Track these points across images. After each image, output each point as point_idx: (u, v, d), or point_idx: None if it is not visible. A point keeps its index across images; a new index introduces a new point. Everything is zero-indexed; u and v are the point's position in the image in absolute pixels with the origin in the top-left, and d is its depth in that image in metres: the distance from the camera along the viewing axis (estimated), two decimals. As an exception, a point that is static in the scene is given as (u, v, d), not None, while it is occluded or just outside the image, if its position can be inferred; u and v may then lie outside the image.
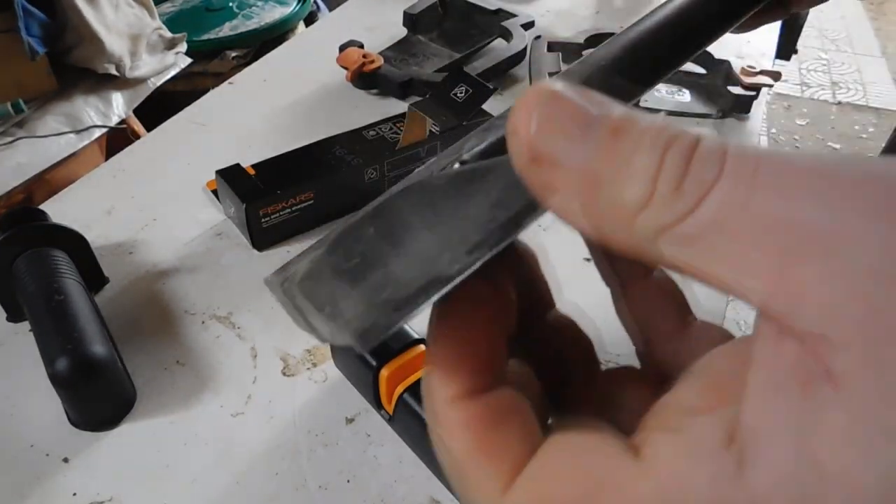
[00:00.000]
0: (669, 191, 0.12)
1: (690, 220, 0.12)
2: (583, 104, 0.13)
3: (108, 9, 1.20)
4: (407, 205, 0.19)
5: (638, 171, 0.12)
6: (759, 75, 0.73)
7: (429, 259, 0.16)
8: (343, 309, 0.16)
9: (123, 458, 0.41)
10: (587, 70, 0.24)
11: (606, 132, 0.13)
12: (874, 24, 3.26)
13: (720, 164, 0.12)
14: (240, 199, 0.53)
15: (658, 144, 0.12)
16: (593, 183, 0.13)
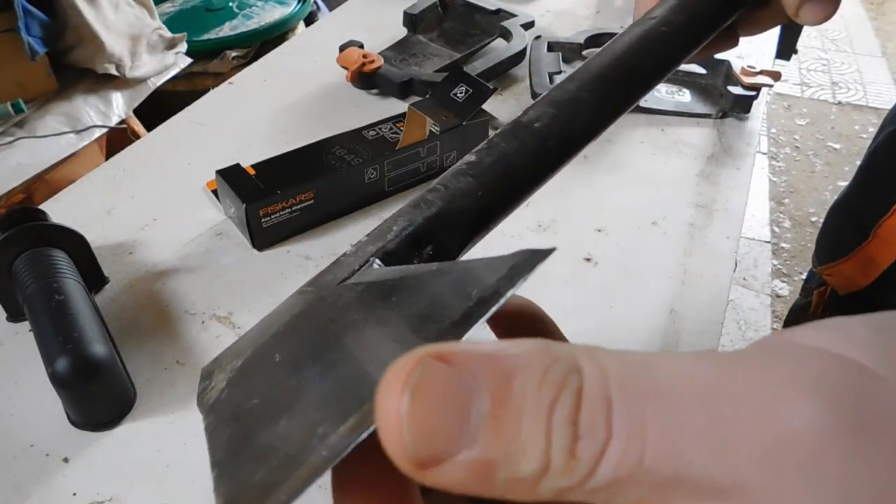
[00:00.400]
0: (564, 461, 0.12)
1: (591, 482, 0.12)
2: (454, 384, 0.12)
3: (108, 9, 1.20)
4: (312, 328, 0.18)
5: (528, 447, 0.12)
6: (759, 75, 0.73)
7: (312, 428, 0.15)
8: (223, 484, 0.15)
9: (123, 458, 0.41)
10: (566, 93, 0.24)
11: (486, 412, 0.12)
12: (874, 24, 3.26)
13: (607, 423, 0.12)
14: (240, 199, 0.53)
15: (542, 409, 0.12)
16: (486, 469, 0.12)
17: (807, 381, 0.12)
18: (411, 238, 0.21)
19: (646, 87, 0.26)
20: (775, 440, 0.11)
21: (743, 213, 0.62)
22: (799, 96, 2.70)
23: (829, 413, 0.11)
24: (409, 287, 0.17)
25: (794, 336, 0.13)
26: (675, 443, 0.11)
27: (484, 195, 0.22)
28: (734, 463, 0.11)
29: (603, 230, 0.58)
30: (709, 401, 0.12)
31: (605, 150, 0.69)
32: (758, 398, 0.12)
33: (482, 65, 0.75)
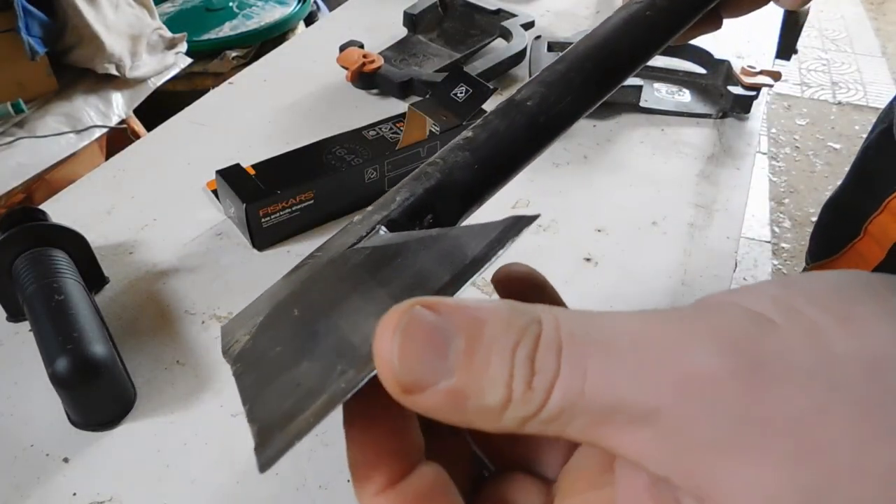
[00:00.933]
0: (522, 392, 0.14)
1: (544, 411, 0.14)
2: (434, 324, 0.15)
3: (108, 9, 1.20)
4: (325, 286, 0.20)
5: (494, 380, 0.15)
6: (759, 75, 0.73)
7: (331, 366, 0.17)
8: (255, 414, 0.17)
9: (123, 458, 0.41)
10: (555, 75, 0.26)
11: (460, 350, 0.15)
12: (874, 24, 3.26)
13: (557, 360, 0.14)
14: (240, 199, 0.53)
15: (506, 349, 0.15)
16: (459, 398, 0.15)
17: (712, 330, 0.14)
18: (413, 208, 0.23)
19: (630, 68, 0.28)
20: (684, 376, 0.14)
21: (743, 213, 0.62)
22: (799, 96, 2.70)
23: (724, 353, 0.14)
24: (411, 250, 0.19)
25: (718, 295, 0.16)
26: (609, 377, 0.14)
27: (479, 168, 0.24)
28: (654, 393, 0.14)
29: (603, 230, 0.58)
30: (639, 347, 0.15)
31: (605, 150, 0.69)
32: (675, 345, 0.14)
33: (482, 65, 0.75)
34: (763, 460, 0.13)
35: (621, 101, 0.73)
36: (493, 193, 0.25)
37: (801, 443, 0.13)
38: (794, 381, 0.13)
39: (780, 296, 0.15)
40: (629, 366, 0.14)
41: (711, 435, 0.14)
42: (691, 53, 0.79)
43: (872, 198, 0.63)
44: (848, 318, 0.14)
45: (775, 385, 0.13)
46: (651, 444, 0.14)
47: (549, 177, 0.65)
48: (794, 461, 0.13)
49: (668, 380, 0.14)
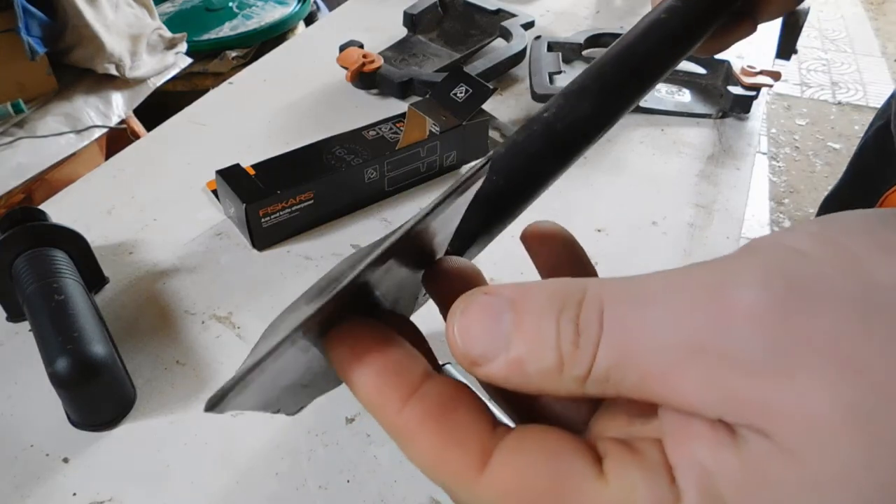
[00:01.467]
0: (571, 352, 0.15)
1: (594, 370, 0.15)
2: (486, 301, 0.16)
3: (108, 9, 1.20)
4: (314, 291, 0.20)
5: (543, 344, 0.16)
6: (759, 75, 0.73)
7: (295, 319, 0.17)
8: (230, 383, 0.17)
9: (123, 458, 0.41)
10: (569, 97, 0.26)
11: (510, 320, 0.16)
12: (874, 24, 3.26)
13: (599, 321, 0.15)
14: (240, 199, 0.53)
15: (552, 315, 0.16)
16: (519, 364, 0.16)
17: (751, 265, 0.15)
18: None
19: (651, 73, 0.27)
20: (724, 310, 0.14)
21: (743, 213, 0.62)
22: (799, 96, 2.70)
23: (764, 286, 0.14)
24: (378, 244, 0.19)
25: (757, 239, 0.16)
26: (652, 325, 0.15)
27: (502, 184, 0.24)
28: (697, 331, 0.14)
29: (603, 230, 0.58)
30: (679, 291, 0.15)
31: (605, 150, 0.69)
32: (712, 283, 0.15)
33: (482, 65, 0.75)
34: (811, 381, 0.13)
35: (621, 101, 0.73)
36: (518, 208, 0.25)
37: (844, 362, 0.13)
38: (835, 305, 0.14)
39: (820, 231, 0.15)
40: (669, 310, 0.15)
41: (759, 363, 0.14)
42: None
43: (869, 194, 0.63)
44: (887, 247, 0.14)
45: (816, 309, 0.14)
46: (701, 385, 0.14)
47: (549, 177, 0.65)
48: (838, 380, 0.13)
49: (706, 317, 0.14)
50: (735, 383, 0.14)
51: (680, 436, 0.16)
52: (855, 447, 0.13)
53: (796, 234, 0.15)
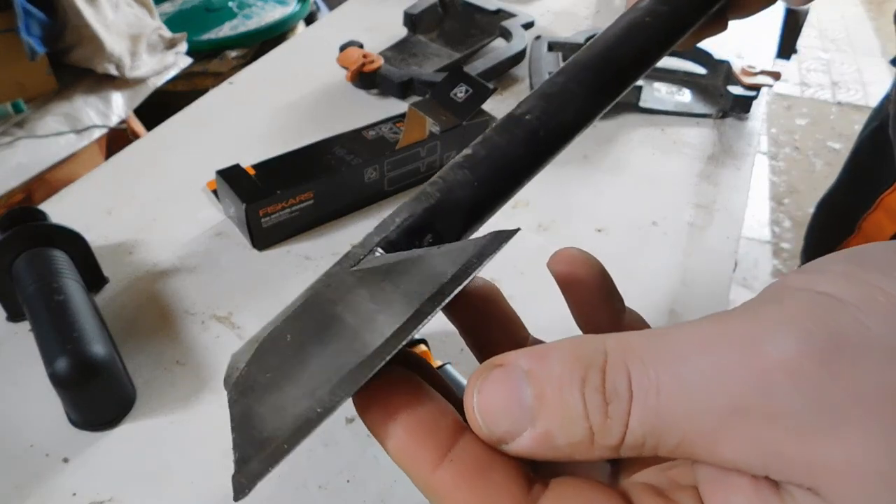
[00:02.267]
0: (601, 423, 0.15)
1: (628, 437, 0.15)
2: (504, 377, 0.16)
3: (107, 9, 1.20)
4: (317, 311, 0.20)
5: (570, 417, 0.15)
6: (759, 75, 0.73)
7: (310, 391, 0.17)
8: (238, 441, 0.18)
9: (123, 458, 0.41)
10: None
11: (532, 394, 0.15)
12: (874, 24, 3.26)
13: (627, 384, 0.15)
14: (240, 199, 0.53)
15: (575, 384, 0.15)
16: (548, 438, 0.15)
17: (788, 317, 0.14)
18: (411, 228, 0.23)
19: (632, 76, 0.28)
20: (764, 369, 0.14)
21: (743, 213, 0.62)
22: (799, 96, 2.70)
23: (804, 340, 0.14)
24: (399, 270, 0.19)
25: (786, 280, 0.16)
26: (684, 387, 0.14)
27: (479, 186, 0.24)
28: (733, 391, 0.14)
29: (603, 230, 0.58)
30: (708, 349, 0.14)
31: (605, 150, 0.69)
32: (748, 339, 0.14)
33: (482, 65, 0.75)
34: (860, 436, 0.13)
35: (621, 101, 0.72)
36: (497, 209, 0.25)
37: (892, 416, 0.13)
38: (878, 356, 0.13)
39: (851, 272, 0.15)
40: (701, 369, 0.14)
41: (804, 421, 0.13)
42: (691, 53, 0.79)
43: (866, 195, 0.63)
44: None
45: (859, 362, 0.13)
46: (746, 446, 0.14)
47: (549, 177, 0.65)
48: (887, 434, 0.13)
49: (748, 375, 0.14)
50: (781, 443, 0.14)
51: (718, 485, 0.15)
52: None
53: (827, 276, 0.15)
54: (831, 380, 0.13)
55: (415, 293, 0.18)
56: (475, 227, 0.24)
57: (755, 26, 0.91)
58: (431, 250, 0.19)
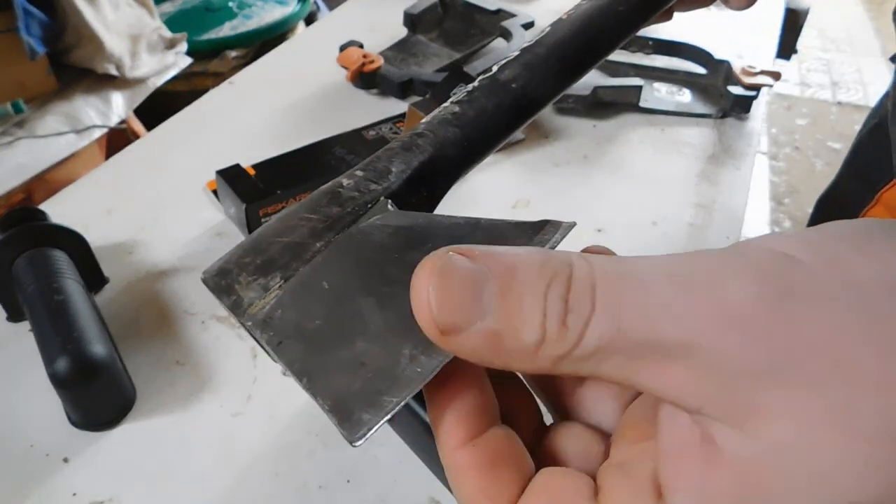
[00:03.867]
0: (557, 330, 0.15)
1: (579, 349, 0.15)
2: (469, 269, 0.15)
3: (108, 9, 1.20)
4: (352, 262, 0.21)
5: (528, 319, 0.15)
6: (759, 75, 0.73)
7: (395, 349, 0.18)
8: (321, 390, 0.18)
9: (123, 458, 0.41)
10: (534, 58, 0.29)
11: (494, 292, 0.15)
12: (874, 24, 3.26)
13: (591, 299, 0.15)
14: (240, 198, 0.53)
15: (540, 290, 0.15)
16: (495, 338, 0.15)
17: (743, 266, 0.15)
18: (410, 180, 0.24)
19: (600, 58, 0.31)
20: (720, 308, 0.14)
21: (743, 213, 0.62)
22: (799, 96, 2.70)
23: (758, 286, 0.15)
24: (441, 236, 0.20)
25: (752, 240, 0.16)
26: (645, 312, 0.15)
27: (468, 145, 0.25)
28: (691, 326, 0.14)
29: (603, 230, 0.58)
30: (674, 282, 0.15)
31: (605, 150, 0.69)
32: (711, 280, 0.15)
33: (482, 65, 0.75)
34: (795, 382, 0.14)
35: (621, 101, 0.73)
36: (474, 167, 0.27)
37: (829, 362, 0.14)
38: (821, 305, 0.14)
39: (811, 238, 0.16)
40: (664, 300, 0.15)
41: (746, 363, 0.14)
42: (691, 53, 0.79)
43: (865, 191, 0.63)
44: (867, 249, 0.15)
45: (803, 309, 0.14)
46: (687, 378, 0.15)
47: (549, 177, 0.65)
48: (823, 379, 0.14)
49: (702, 313, 0.14)
50: (723, 381, 0.14)
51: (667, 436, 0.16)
52: (844, 446, 0.14)
53: (784, 239, 0.16)
54: (775, 325, 0.14)
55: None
56: (454, 183, 0.26)
57: (755, 26, 0.91)
58: (473, 221, 0.20)
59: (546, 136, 0.70)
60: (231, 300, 0.21)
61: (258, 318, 0.20)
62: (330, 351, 0.19)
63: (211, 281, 0.22)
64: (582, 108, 0.73)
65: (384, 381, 0.17)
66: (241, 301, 0.21)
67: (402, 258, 0.20)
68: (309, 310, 0.20)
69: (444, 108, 0.26)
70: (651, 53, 0.81)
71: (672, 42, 0.80)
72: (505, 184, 0.64)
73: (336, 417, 0.17)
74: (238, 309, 0.21)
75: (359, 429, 0.17)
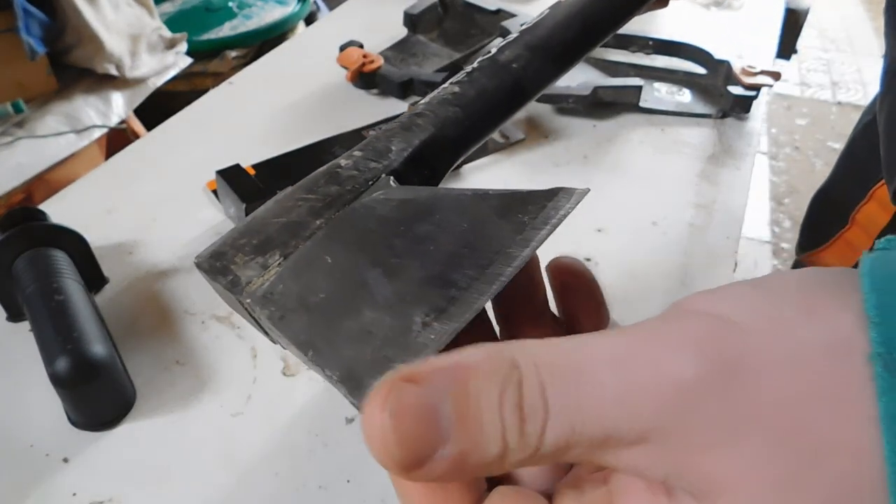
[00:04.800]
0: (517, 440, 0.15)
1: (540, 452, 0.15)
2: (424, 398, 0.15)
3: (107, 9, 1.20)
4: (355, 235, 0.20)
5: (489, 435, 0.15)
6: (759, 75, 0.73)
7: (405, 317, 0.17)
8: (328, 361, 0.18)
9: (123, 458, 0.41)
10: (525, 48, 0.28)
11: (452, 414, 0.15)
12: (874, 24, 3.26)
13: (544, 404, 0.15)
14: (240, 198, 0.53)
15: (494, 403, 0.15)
16: (461, 459, 0.15)
17: (686, 339, 0.15)
18: (411, 159, 0.24)
19: (598, 42, 0.31)
20: (664, 390, 0.15)
21: (743, 213, 0.62)
22: (799, 96, 2.70)
23: (700, 362, 0.15)
24: (449, 207, 0.20)
25: (685, 303, 0.17)
26: (596, 409, 0.15)
27: (469, 125, 0.25)
28: (641, 414, 0.15)
29: (603, 230, 0.58)
30: (617, 369, 0.15)
31: (605, 150, 0.69)
32: (650, 359, 0.15)
33: (482, 65, 0.75)
34: (746, 450, 0.14)
35: (621, 101, 0.73)
36: (475, 147, 0.26)
37: (777, 428, 0.14)
38: (765, 373, 0.15)
39: (748, 297, 0.16)
40: (611, 392, 0.15)
41: (698, 439, 0.15)
42: (691, 53, 0.79)
43: (859, 188, 0.64)
44: (812, 309, 0.15)
45: (748, 379, 0.15)
46: (647, 461, 0.15)
47: (549, 177, 0.65)
48: (774, 445, 0.14)
49: (649, 400, 0.15)
50: (679, 458, 0.15)
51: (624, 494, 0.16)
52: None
53: (724, 300, 0.16)
54: (724, 398, 0.14)
55: (485, 240, 0.18)
56: (457, 161, 0.26)
57: (755, 26, 0.91)
58: (480, 193, 0.20)
59: (546, 136, 0.70)
60: (227, 280, 0.21)
61: (257, 295, 0.20)
62: (336, 322, 0.18)
63: (205, 263, 0.21)
64: (582, 108, 0.73)
65: (395, 348, 0.17)
66: (238, 280, 0.21)
67: (409, 229, 0.19)
68: (312, 284, 0.19)
69: (443, 89, 0.26)
70: (651, 53, 0.81)
71: (672, 42, 0.80)
72: (505, 184, 0.63)
73: (346, 387, 0.17)
74: (236, 287, 0.20)
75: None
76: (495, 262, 0.18)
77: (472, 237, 0.18)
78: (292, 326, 0.19)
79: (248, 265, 0.21)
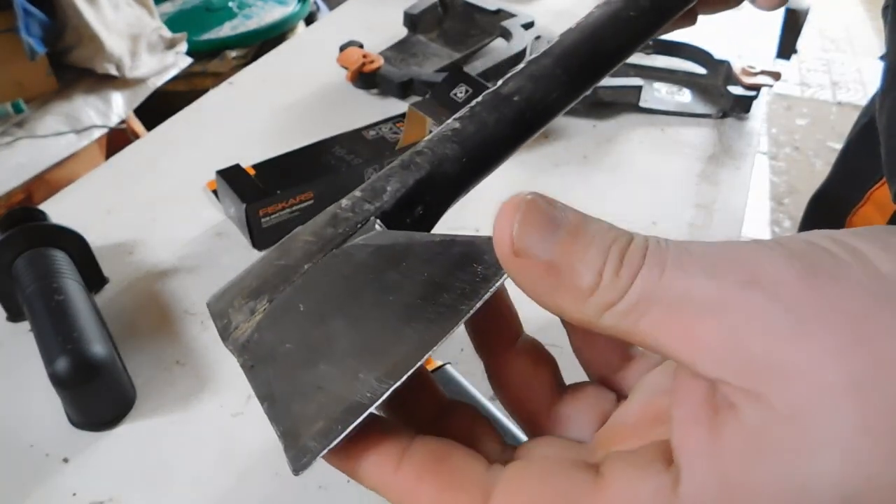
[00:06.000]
0: (611, 278, 0.16)
1: (624, 299, 0.16)
2: (551, 211, 0.17)
3: (107, 9, 1.20)
4: (330, 282, 0.20)
5: (589, 264, 0.16)
6: (759, 75, 0.73)
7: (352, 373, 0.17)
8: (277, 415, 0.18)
9: (123, 458, 0.41)
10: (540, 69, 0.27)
11: (566, 233, 0.17)
12: (874, 24, 3.26)
13: (642, 256, 0.16)
14: (240, 199, 0.53)
15: (604, 244, 0.17)
16: (555, 272, 0.17)
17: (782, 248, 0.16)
18: (404, 199, 0.23)
19: (611, 68, 0.30)
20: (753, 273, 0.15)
21: (743, 213, 0.62)
22: (799, 96, 2.70)
23: (788, 262, 0.16)
24: (417, 255, 0.19)
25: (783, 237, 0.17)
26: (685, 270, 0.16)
27: (467, 161, 0.25)
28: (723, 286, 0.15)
29: (603, 230, 0.58)
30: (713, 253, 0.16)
31: (605, 150, 0.69)
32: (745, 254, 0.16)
33: (482, 65, 0.75)
34: (818, 347, 0.14)
35: (621, 101, 0.73)
36: (477, 184, 0.26)
37: (854, 334, 0.14)
38: (849, 286, 0.15)
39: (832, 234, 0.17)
40: (702, 264, 0.16)
41: (771, 326, 0.15)
42: (691, 53, 0.79)
43: (855, 190, 0.63)
44: (889, 247, 0.16)
45: (833, 286, 0.15)
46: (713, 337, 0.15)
47: (549, 177, 0.65)
48: (847, 350, 0.14)
49: (736, 277, 0.16)
50: (746, 342, 0.15)
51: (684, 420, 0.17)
52: (855, 414, 0.14)
53: (818, 236, 0.17)
54: (807, 294, 0.15)
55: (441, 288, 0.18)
56: (458, 199, 0.25)
57: (755, 26, 0.91)
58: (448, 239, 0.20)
59: (546, 136, 0.70)
60: (222, 324, 0.21)
61: (238, 343, 0.20)
62: (295, 375, 0.18)
63: (213, 305, 0.22)
64: (582, 108, 0.73)
65: (337, 406, 0.17)
66: (229, 325, 0.21)
67: (377, 278, 0.19)
68: (283, 333, 0.19)
69: (446, 125, 0.25)
70: (651, 53, 0.81)
71: (672, 42, 0.80)
72: (505, 184, 0.63)
73: (283, 443, 0.17)
74: (226, 332, 0.21)
75: (302, 457, 0.17)
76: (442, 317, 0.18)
77: (429, 289, 0.18)
78: (259, 377, 0.19)
79: (241, 309, 0.21)
